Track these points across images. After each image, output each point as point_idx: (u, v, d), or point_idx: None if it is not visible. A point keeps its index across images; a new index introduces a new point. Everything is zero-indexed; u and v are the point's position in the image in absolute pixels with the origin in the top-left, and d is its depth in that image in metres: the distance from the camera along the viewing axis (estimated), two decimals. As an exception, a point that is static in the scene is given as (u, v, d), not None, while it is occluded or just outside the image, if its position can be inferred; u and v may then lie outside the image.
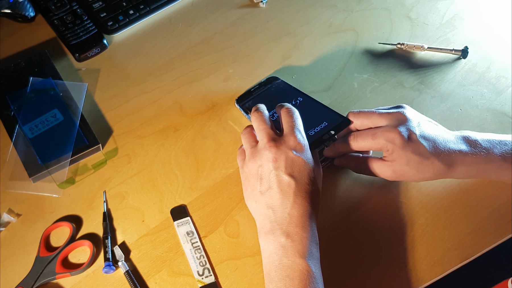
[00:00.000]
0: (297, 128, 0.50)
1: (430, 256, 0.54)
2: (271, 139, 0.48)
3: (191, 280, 0.52)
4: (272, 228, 0.46)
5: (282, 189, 0.46)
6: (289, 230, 0.45)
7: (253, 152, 0.49)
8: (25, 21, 0.72)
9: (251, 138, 0.51)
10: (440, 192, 0.58)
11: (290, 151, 0.47)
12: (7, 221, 0.55)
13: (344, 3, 0.76)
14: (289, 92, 0.61)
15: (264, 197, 0.47)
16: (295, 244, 0.44)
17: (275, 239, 0.45)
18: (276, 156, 0.47)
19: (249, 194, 0.50)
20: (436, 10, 0.76)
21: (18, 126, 0.59)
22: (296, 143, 0.48)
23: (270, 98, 0.61)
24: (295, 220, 0.45)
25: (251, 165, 0.49)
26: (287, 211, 0.45)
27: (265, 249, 0.46)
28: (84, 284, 0.52)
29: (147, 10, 0.72)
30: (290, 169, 0.47)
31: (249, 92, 0.63)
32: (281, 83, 0.63)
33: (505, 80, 0.68)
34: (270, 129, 0.50)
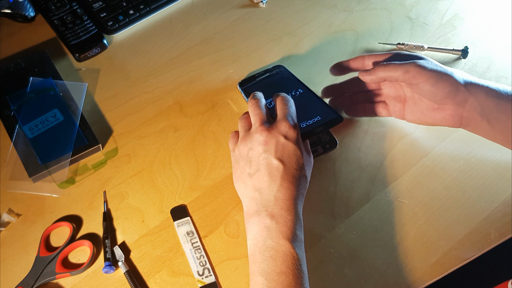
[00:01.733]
0: (289, 115, 0.51)
1: (430, 256, 0.54)
2: (263, 123, 0.50)
3: (191, 280, 0.52)
4: (257, 210, 0.47)
5: (270, 172, 0.47)
6: (274, 212, 0.46)
7: (245, 135, 0.51)
8: (25, 21, 0.72)
9: (246, 123, 0.53)
10: (440, 192, 0.58)
11: (281, 136, 0.49)
12: (7, 221, 0.55)
13: (344, 3, 0.76)
14: (291, 82, 0.61)
15: (252, 180, 0.48)
16: (279, 226, 0.45)
17: (260, 220, 0.46)
18: (266, 140, 0.48)
19: (238, 177, 0.51)
20: (436, 10, 0.76)
21: (18, 126, 0.59)
22: (288, 128, 0.49)
23: (271, 86, 0.62)
24: (280, 202, 0.46)
25: (242, 148, 0.50)
26: (273, 193, 0.46)
27: (250, 231, 0.47)
28: (84, 284, 0.52)
29: (147, 10, 0.72)
30: (280, 153, 0.48)
31: (252, 77, 0.64)
32: (285, 72, 0.64)
33: (505, 80, 0.68)
34: (263, 115, 0.51)
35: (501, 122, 0.51)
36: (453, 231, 0.56)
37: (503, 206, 0.57)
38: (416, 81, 0.53)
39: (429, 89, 0.52)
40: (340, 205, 0.57)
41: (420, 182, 0.59)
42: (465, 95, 0.52)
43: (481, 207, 0.57)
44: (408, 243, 0.55)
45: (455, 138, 0.62)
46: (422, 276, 0.53)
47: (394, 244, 0.55)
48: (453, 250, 0.54)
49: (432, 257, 0.54)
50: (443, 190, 0.58)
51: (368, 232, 0.55)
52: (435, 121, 0.56)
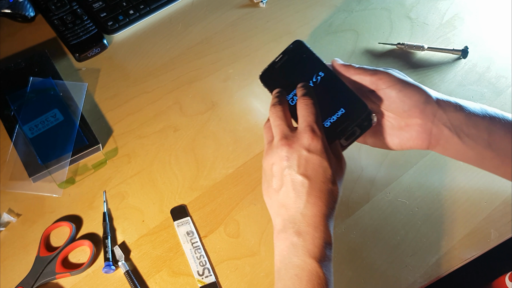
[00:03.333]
0: (312, 124, 0.47)
1: (430, 257, 0.54)
2: (283, 136, 0.47)
3: (191, 280, 0.52)
4: (284, 226, 0.45)
5: (294, 188, 0.45)
6: (301, 229, 0.44)
7: (268, 149, 0.48)
8: (25, 21, 0.72)
9: (268, 133, 0.50)
10: (440, 192, 0.58)
11: (303, 150, 0.46)
12: (7, 221, 0.55)
13: (344, 3, 0.76)
14: (311, 63, 0.54)
15: (277, 195, 0.46)
16: (306, 244, 0.43)
17: (286, 237, 0.44)
18: (288, 155, 0.46)
19: (265, 190, 0.49)
20: (436, 10, 0.76)
21: (18, 126, 0.59)
22: (310, 140, 0.46)
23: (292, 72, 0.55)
24: (307, 219, 0.44)
25: (266, 162, 0.48)
26: (300, 210, 0.44)
27: (277, 247, 0.45)
28: (84, 284, 0.52)
29: (147, 10, 0.72)
30: (303, 168, 0.45)
31: (272, 65, 0.56)
32: (305, 51, 0.55)
33: (505, 80, 0.68)
34: (284, 125, 0.48)
35: (471, 138, 0.48)
36: (453, 231, 0.56)
37: (503, 206, 0.57)
38: (383, 86, 0.49)
39: (396, 95, 0.48)
40: (340, 205, 0.57)
41: (420, 182, 0.59)
42: (434, 108, 0.48)
43: (481, 207, 0.57)
44: (408, 243, 0.55)
45: (455, 138, 0.62)
46: (422, 276, 0.53)
47: (394, 244, 0.55)
48: (453, 250, 0.54)
49: (432, 257, 0.54)
50: (443, 190, 0.58)
51: (368, 232, 0.55)
52: (401, 141, 0.51)
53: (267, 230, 0.55)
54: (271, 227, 0.55)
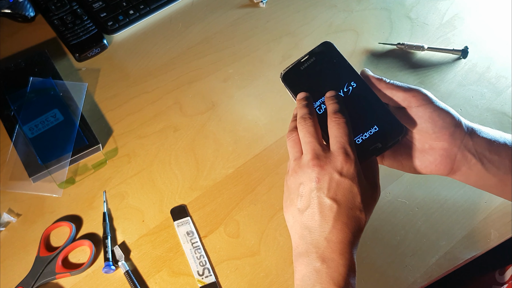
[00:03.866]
0: (346, 146, 0.44)
1: (430, 256, 0.54)
2: (315, 156, 0.44)
3: (191, 280, 0.52)
4: (307, 250, 0.43)
5: (322, 211, 0.43)
6: (325, 255, 0.42)
7: (296, 167, 0.45)
8: (25, 21, 0.72)
9: (295, 147, 0.47)
10: (440, 192, 0.58)
11: (335, 172, 0.43)
12: (7, 221, 0.55)
13: (344, 3, 0.76)
14: (342, 71, 0.50)
15: (302, 216, 0.44)
16: (330, 271, 0.42)
17: (309, 262, 0.43)
18: (319, 177, 0.43)
19: (288, 207, 0.46)
20: (436, 10, 0.76)
21: (18, 126, 0.59)
22: (343, 163, 0.43)
23: (320, 78, 0.51)
24: (332, 245, 0.42)
25: (293, 180, 0.45)
26: (325, 235, 0.42)
27: (299, 271, 0.44)
28: (84, 284, 0.52)
29: (147, 10, 0.72)
30: (333, 192, 0.43)
31: (297, 66, 0.51)
32: (335, 55, 0.51)
33: (505, 80, 0.68)
34: (316, 143, 0.45)
35: (494, 164, 0.46)
36: (453, 231, 0.56)
37: (503, 206, 0.57)
38: (416, 104, 0.47)
39: (429, 115, 0.46)
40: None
41: (420, 182, 0.59)
42: (462, 132, 0.46)
43: (481, 207, 0.57)
44: (408, 243, 0.55)
45: (455, 138, 0.62)
46: (422, 276, 0.53)
47: (394, 244, 0.55)
48: (453, 250, 0.54)
49: (432, 257, 0.54)
50: (443, 190, 0.58)
51: (368, 232, 0.55)
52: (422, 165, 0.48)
53: (267, 230, 0.55)
54: (271, 227, 0.55)
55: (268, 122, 0.64)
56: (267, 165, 0.60)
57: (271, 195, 0.58)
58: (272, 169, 0.60)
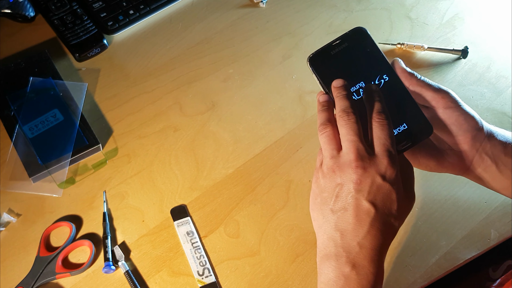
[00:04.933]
0: (391, 149, 0.42)
1: (430, 256, 0.54)
2: (359, 157, 0.42)
3: (191, 280, 0.52)
4: (336, 253, 0.41)
5: (358, 214, 0.41)
6: (356, 262, 0.41)
7: (334, 165, 0.43)
8: (25, 21, 0.72)
9: (332, 144, 0.44)
10: (440, 192, 0.58)
11: (378, 176, 0.41)
12: (7, 221, 0.55)
13: (344, 3, 0.76)
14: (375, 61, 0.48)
15: (334, 216, 0.42)
16: (359, 279, 0.40)
17: (338, 266, 0.41)
18: (361, 179, 0.41)
19: (318, 205, 0.44)
20: (436, 10, 0.76)
21: (18, 126, 0.59)
22: (388, 167, 0.41)
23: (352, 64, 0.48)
24: (364, 252, 0.41)
25: (329, 179, 0.43)
26: (358, 239, 0.41)
27: (324, 274, 0.42)
28: (84, 284, 0.52)
29: (147, 10, 0.72)
30: (373, 196, 0.41)
31: (327, 49, 0.48)
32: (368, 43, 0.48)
33: (505, 80, 0.68)
34: (360, 143, 0.42)
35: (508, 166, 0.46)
36: (453, 231, 0.56)
37: (503, 206, 0.57)
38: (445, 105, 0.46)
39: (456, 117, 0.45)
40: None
41: (420, 182, 0.59)
42: (482, 135, 0.46)
43: (481, 207, 0.57)
44: (408, 243, 0.55)
45: (455, 138, 0.62)
46: (422, 276, 0.53)
47: (394, 244, 0.55)
48: (453, 250, 0.54)
49: (432, 257, 0.54)
50: (443, 190, 0.58)
51: (368, 232, 0.55)
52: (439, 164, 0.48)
53: (267, 230, 0.55)
54: (271, 227, 0.55)
55: (268, 122, 0.64)
56: (267, 165, 0.60)
57: (271, 195, 0.58)
58: (272, 169, 0.60)
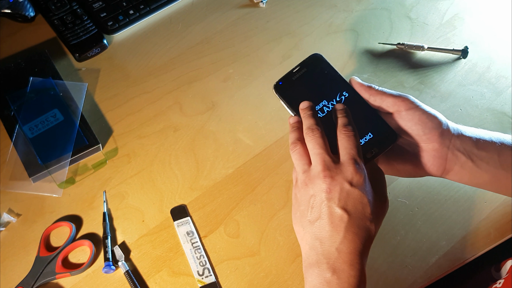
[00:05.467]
0: (356, 157, 0.45)
1: (430, 256, 0.54)
2: (326, 167, 0.44)
3: (191, 280, 0.52)
4: (318, 261, 0.43)
5: (332, 221, 0.43)
6: (336, 266, 0.42)
7: (306, 179, 0.46)
8: (25, 21, 0.72)
9: (303, 159, 0.47)
10: (440, 192, 0.58)
11: (346, 183, 0.44)
12: (7, 221, 0.55)
13: (344, 3, 0.76)
14: (333, 81, 0.52)
15: (312, 227, 0.45)
16: (341, 282, 0.42)
17: (320, 273, 0.43)
18: (330, 187, 0.44)
19: (298, 219, 0.47)
20: (436, 10, 0.76)
21: (18, 126, 0.59)
22: (354, 174, 0.44)
23: (313, 86, 0.52)
24: (343, 256, 0.43)
25: (303, 193, 0.46)
26: (335, 245, 0.43)
27: (309, 282, 0.44)
28: (84, 284, 0.52)
29: (147, 10, 0.72)
30: (344, 202, 0.44)
31: (290, 76, 0.52)
32: (325, 66, 0.53)
33: (505, 80, 0.68)
34: (326, 154, 0.45)
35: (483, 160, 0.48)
36: (453, 231, 0.56)
37: (503, 206, 0.57)
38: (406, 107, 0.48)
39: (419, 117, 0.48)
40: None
41: (420, 182, 0.59)
42: (449, 132, 0.48)
43: (481, 207, 0.57)
44: (408, 243, 0.55)
45: (455, 138, 0.62)
46: (422, 276, 0.53)
47: (394, 244, 0.55)
48: (453, 250, 0.54)
49: (432, 257, 0.54)
50: (443, 190, 0.58)
51: (368, 232, 0.55)
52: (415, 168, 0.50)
53: (267, 230, 0.55)
54: (271, 227, 0.55)
55: (268, 122, 0.64)
56: (267, 165, 0.60)
57: (271, 195, 0.58)
58: (272, 169, 0.60)
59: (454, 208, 0.57)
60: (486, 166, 0.48)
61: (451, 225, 0.56)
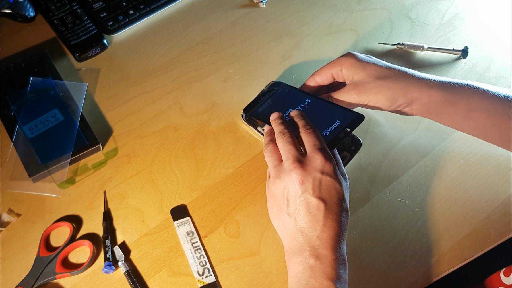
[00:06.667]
0: (321, 146, 0.48)
1: (430, 257, 0.54)
2: (296, 159, 0.47)
3: (191, 280, 0.52)
4: (300, 249, 0.45)
5: (310, 211, 0.45)
6: (319, 253, 0.44)
7: (278, 172, 0.48)
8: (25, 21, 0.72)
9: (274, 155, 0.50)
10: (440, 192, 0.58)
11: (317, 172, 0.46)
12: (7, 221, 0.55)
13: (344, 3, 0.76)
14: (295, 95, 0.59)
15: (291, 219, 0.46)
16: (323, 266, 0.43)
17: (303, 260, 0.44)
18: (302, 178, 0.46)
19: (275, 214, 0.49)
20: (436, 10, 0.76)
21: (18, 126, 0.59)
22: (323, 162, 0.46)
23: (279, 102, 0.59)
24: (324, 242, 0.44)
25: (276, 186, 0.48)
26: (317, 234, 0.44)
27: (292, 269, 0.45)
28: (84, 284, 0.52)
29: (147, 10, 0.72)
30: (318, 191, 0.45)
31: (254, 102, 0.60)
32: (285, 87, 0.61)
33: (505, 80, 0.68)
34: (295, 150, 0.48)
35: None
36: (453, 231, 0.56)
37: (503, 206, 0.57)
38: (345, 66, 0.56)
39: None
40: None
41: (420, 182, 0.59)
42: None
43: (481, 207, 0.57)
44: (408, 243, 0.55)
45: (455, 138, 0.62)
46: (422, 276, 0.53)
47: (394, 244, 0.55)
48: (453, 250, 0.54)
49: (432, 257, 0.54)
50: (443, 190, 0.58)
51: (368, 232, 0.55)
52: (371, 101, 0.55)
53: (267, 230, 0.55)
54: (271, 227, 0.55)
55: (268, 122, 0.64)
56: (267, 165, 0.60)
57: (271, 195, 0.58)
58: (272, 169, 0.60)
59: (454, 208, 0.57)
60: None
61: (451, 225, 0.56)
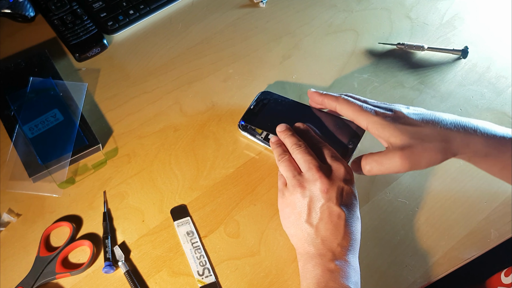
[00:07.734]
0: (341, 159, 0.49)
1: (430, 256, 0.54)
2: (320, 169, 0.48)
3: (191, 280, 0.52)
4: (320, 254, 0.46)
5: (332, 220, 0.46)
6: (339, 258, 0.46)
7: (299, 182, 0.48)
8: (25, 21, 0.72)
9: (292, 166, 0.50)
10: (440, 192, 0.58)
11: (340, 181, 0.47)
12: (7, 221, 0.55)
13: (344, 3, 0.76)
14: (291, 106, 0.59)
15: (312, 228, 0.47)
16: (343, 271, 0.45)
17: (323, 263, 0.46)
18: (328, 187, 0.47)
19: (292, 223, 0.49)
20: (436, 10, 0.76)
21: (18, 126, 0.59)
22: (346, 172, 0.48)
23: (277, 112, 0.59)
24: (345, 249, 0.46)
25: (297, 195, 0.48)
26: (338, 241, 0.46)
27: (310, 271, 0.46)
28: (84, 284, 0.52)
29: (147, 10, 0.72)
30: (341, 200, 0.47)
31: (249, 111, 0.60)
32: (277, 97, 0.61)
33: (505, 80, 0.68)
34: (316, 160, 0.49)
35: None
36: (453, 231, 0.56)
37: (503, 206, 0.57)
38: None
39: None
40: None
41: (420, 182, 0.59)
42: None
43: (481, 207, 0.57)
44: (408, 243, 0.55)
45: (455, 138, 0.62)
46: (422, 276, 0.53)
47: (394, 244, 0.55)
48: (453, 250, 0.54)
49: (432, 257, 0.54)
50: (443, 190, 0.58)
51: (368, 232, 0.55)
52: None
53: (267, 230, 0.55)
54: (271, 227, 0.56)
55: (268, 122, 0.64)
56: (267, 165, 0.60)
57: (271, 195, 0.58)
58: (272, 169, 0.60)
59: (454, 208, 0.57)
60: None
61: (451, 225, 0.56)
